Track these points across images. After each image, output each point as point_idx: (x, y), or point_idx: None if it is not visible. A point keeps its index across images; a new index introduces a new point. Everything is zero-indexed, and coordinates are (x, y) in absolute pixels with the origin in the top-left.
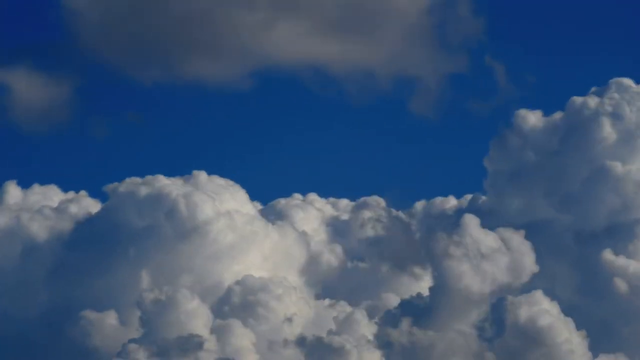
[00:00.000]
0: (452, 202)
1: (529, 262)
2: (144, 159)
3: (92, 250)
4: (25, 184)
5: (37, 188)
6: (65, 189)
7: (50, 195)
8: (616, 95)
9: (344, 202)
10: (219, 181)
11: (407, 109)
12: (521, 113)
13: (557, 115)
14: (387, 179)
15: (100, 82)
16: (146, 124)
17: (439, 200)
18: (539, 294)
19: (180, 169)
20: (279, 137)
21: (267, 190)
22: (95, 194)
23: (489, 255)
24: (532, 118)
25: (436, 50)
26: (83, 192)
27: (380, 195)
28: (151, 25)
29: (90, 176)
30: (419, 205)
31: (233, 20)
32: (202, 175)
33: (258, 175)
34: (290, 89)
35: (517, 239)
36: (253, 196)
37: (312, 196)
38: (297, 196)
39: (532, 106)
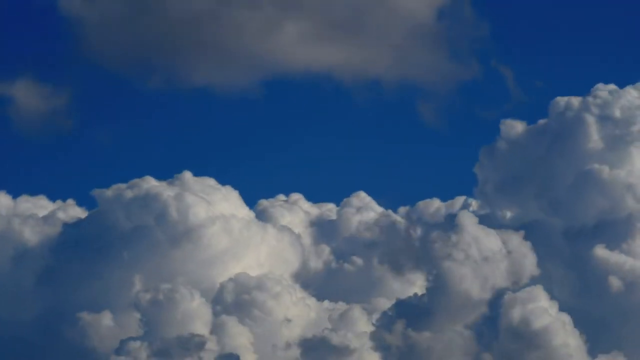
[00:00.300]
0: (437, 204)
1: (528, 264)
2: (142, 165)
3: (86, 253)
4: (16, 193)
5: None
6: (68, 197)
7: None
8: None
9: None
10: (210, 182)
11: (413, 114)
12: (507, 122)
13: (542, 122)
14: (390, 183)
15: (101, 90)
16: (146, 130)
17: (431, 202)
18: (538, 290)
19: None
20: (278, 141)
21: (262, 193)
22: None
23: (488, 256)
24: (519, 126)
25: (442, 55)
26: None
27: (377, 197)
28: (151, 30)
29: (92, 183)
30: (420, 206)
31: (236, 23)
32: (188, 176)
33: (255, 178)
34: (292, 92)
35: (516, 239)
36: (250, 198)
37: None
38: (293, 198)
39: (536, 109)
